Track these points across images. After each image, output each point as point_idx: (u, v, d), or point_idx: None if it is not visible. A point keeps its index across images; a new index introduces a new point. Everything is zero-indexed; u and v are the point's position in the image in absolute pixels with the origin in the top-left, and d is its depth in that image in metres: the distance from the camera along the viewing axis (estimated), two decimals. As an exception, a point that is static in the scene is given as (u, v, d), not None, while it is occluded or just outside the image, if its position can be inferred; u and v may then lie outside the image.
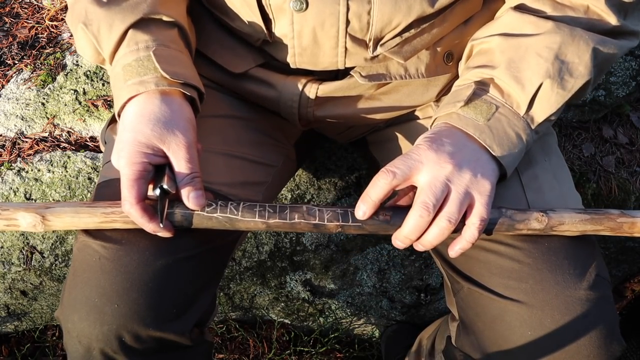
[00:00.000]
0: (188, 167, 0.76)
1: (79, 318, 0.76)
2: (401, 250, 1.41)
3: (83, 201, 0.77)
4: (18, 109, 1.39)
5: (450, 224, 0.73)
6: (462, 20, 0.88)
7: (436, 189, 0.72)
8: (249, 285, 1.47)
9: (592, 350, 0.75)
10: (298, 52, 0.85)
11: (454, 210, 0.73)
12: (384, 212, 0.76)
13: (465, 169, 0.74)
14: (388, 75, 0.89)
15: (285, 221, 0.76)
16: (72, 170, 1.30)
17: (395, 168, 0.74)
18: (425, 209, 0.72)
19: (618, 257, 1.58)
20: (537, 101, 0.78)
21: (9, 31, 1.54)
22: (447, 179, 0.73)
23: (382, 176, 0.74)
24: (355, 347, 1.70)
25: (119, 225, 0.77)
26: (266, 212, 0.76)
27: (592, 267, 0.78)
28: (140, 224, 0.75)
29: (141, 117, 0.76)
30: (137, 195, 0.74)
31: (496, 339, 0.80)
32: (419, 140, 0.77)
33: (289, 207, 0.77)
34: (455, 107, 0.79)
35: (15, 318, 1.53)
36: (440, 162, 0.73)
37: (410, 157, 0.74)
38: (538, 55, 0.77)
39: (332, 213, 0.77)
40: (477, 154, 0.76)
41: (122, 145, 0.75)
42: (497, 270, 0.81)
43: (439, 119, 0.81)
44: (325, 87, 0.90)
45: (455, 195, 0.73)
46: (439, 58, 0.90)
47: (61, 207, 0.77)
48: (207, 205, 0.76)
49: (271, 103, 0.95)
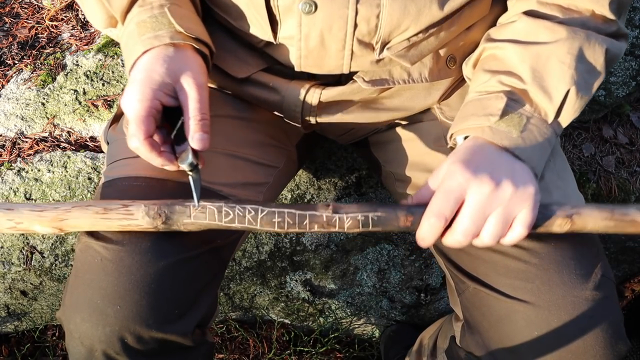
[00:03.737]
0: (198, 108, 0.76)
1: (81, 319, 0.76)
2: (401, 250, 1.41)
3: (95, 203, 0.76)
4: (18, 109, 1.38)
5: (497, 242, 0.74)
6: (469, 25, 0.88)
7: (479, 216, 0.72)
8: (249, 285, 1.47)
9: (599, 350, 0.76)
10: (304, 55, 0.84)
11: (499, 230, 0.73)
12: (406, 216, 0.75)
13: (505, 185, 0.72)
14: (391, 80, 0.89)
15: (304, 230, 0.76)
16: (72, 170, 1.30)
17: (443, 209, 0.72)
18: (463, 235, 0.73)
19: (618, 257, 1.58)
20: (565, 108, 0.79)
21: (9, 31, 1.54)
22: (489, 201, 0.72)
23: (434, 222, 0.73)
24: (355, 347, 1.70)
25: (135, 229, 0.77)
26: (285, 223, 0.75)
27: (597, 267, 0.78)
28: (149, 158, 0.76)
29: (155, 59, 0.77)
30: (146, 131, 0.74)
31: (502, 339, 0.81)
32: (452, 163, 0.75)
33: (308, 217, 0.75)
34: (490, 121, 0.77)
35: (15, 318, 1.53)
36: (482, 186, 0.71)
37: (450, 190, 0.72)
38: (561, 63, 0.77)
39: (352, 221, 0.75)
40: (512, 164, 0.75)
41: (134, 85, 0.76)
42: (503, 270, 0.81)
43: (469, 131, 0.79)
44: (329, 92, 0.90)
45: (500, 214, 0.72)
46: (441, 62, 0.90)
47: (76, 220, 0.75)
48: (225, 215, 0.75)
49: (274, 107, 0.95)
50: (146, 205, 0.74)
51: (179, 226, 0.75)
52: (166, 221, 0.74)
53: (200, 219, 0.75)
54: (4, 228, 0.76)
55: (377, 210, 0.75)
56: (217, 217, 0.75)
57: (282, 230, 0.75)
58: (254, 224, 0.75)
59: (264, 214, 0.74)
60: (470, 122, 0.79)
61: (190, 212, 0.74)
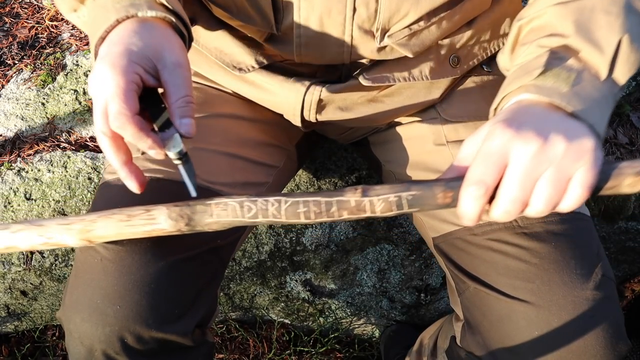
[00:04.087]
0: (183, 91, 0.67)
1: (81, 319, 0.76)
2: (401, 250, 1.41)
3: (118, 211, 0.72)
4: (18, 109, 1.38)
5: (552, 208, 0.62)
6: (472, 17, 0.88)
7: (527, 180, 0.60)
8: (249, 285, 1.47)
9: (599, 350, 0.75)
10: (304, 43, 0.83)
11: (552, 194, 0.60)
12: (444, 192, 0.65)
13: (556, 141, 0.60)
14: (392, 78, 0.89)
15: (333, 218, 0.68)
16: (72, 170, 1.30)
17: (483, 175, 0.61)
18: (511, 203, 0.61)
19: (618, 257, 1.58)
20: (618, 62, 0.69)
21: (9, 31, 1.54)
22: (537, 161, 0.59)
23: (475, 192, 0.61)
24: (355, 347, 1.70)
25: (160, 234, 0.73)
26: (311, 213, 0.68)
27: (598, 267, 0.78)
28: (138, 139, 0.65)
29: (133, 32, 0.67)
30: (133, 106, 0.64)
31: (503, 339, 0.80)
32: (491, 124, 0.64)
33: (335, 204, 0.68)
34: (531, 77, 0.67)
35: (15, 318, 1.53)
36: (527, 144, 0.59)
37: (490, 153, 0.61)
38: (607, 13, 0.69)
39: (384, 204, 0.67)
40: (564, 121, 0.63)
41: (108, 58, 0.65)
42: (503, 270, 0.81)
43: (510, 96, 0.69)
44: (329, 90, 0.90)
45: (552, 175, 0.60)
46: (443, 60, 0.90)
47: (103, 230, 0.72)
48: (247, 210, 0.69)
49: (274, 106, 0.95)
50: (168, 207, 0.70)
51: (203, 226, 0.71)
52: (189, 223, 0.71)
53: (222, 216, 0.70)
54: (38, 244, 0.74)
55: (410, 189, 0.66)
56: (239, 213, 0.69)
57: (310, 221, 0.69)
58: (278, 217, 0.69)
59: (288, 205, 0.68)
60: (512, 86, 0.69)
61: (212, 210, 0.70)
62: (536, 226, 0.81)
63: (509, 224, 0.83)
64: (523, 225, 0.82)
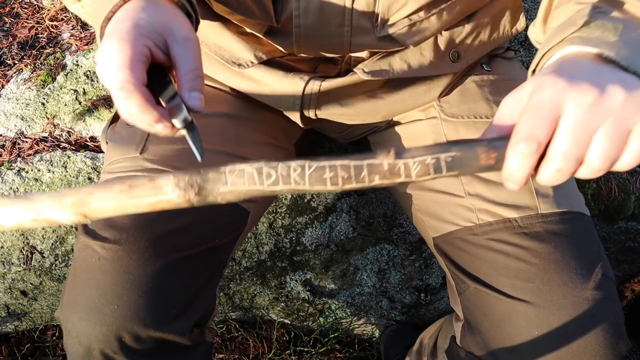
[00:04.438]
0: (193, 64, 0.65)
1: (79, 318, 0.76)
2: (401, 250, 1.41)
3: (119, 181, 0.64)
4: (18, 109, 1.38)
5: (610, 165, 0.55)
6: (472, 10, 0.87)
7: (582, 133, 0.53)
8: (249, 285, 1.47)
9: (599, 350, 0.75)
10: (303, 33, 0.83)
11: (611, 148, 0.54)
12: (487, 153, 0.59)
13: (614, 91, 0.54)
14: (391, 71, 0.89)
15: (363, 184, 0.62)
16: (72, 170, 1.30)
17: (534, 130, 0.54)
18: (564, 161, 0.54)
19: (618, 257, 1.58)
20: None
21: (9, 31, 1.54)
22: (594, 113, 0.53)
23: (525, 150, 0.54)
24: (355, 347, 1.70)
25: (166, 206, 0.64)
26: (339, 179, 0.61)
27: (598, 267, 0.78)
28: (144, 112, 0.62)
29: (140, 9, 0.65)
30: (140, 76, 0.62)
31: (503, 339, 0.80)
32: (540, 76, 0.57)
33: (366, 167, 0.61)
34: (575, 27, 0.61)
35: (15, 318, 1.53)
36: (582, 94, 0.53)
37: (540, 105, 0.54)
38: None
39: (421, 167, 0.60)
40: (617, 73, 0.57)
41: (118, 32, 0.63)
42: (504, 270, 0.81)
43: (551, 52, 0.63)
44: (328, 84, 0.90)
45: (610, 128, 0.53)
46: (442, 55, 0.90)
47: (101, 204, 0.63)
48: (267, 177, 0.62)
49: (273, 101, 0.95)
50: (175, 176, 0.62)
51: (215, 197, 0.63)
52: (200, 192, 0.62)
53: (238, 185, 0.62)
54: (27, 221, 0.66)
55: (450, 149, 0.59)
56: (257, 180, 0.62)
57: (337, 188, 0.62)
58: (301, 184, 0.62)
59: (312, 171, 0.61)
60: (554, 41, 0.63)
61: (226, 178, 0.62)
62: (536, 226, 0.81)
63: (509, 224, 0.83)
64: (523, 225, 0.82)
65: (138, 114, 0.62)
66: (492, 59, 0.99)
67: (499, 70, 0.98)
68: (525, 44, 1.53)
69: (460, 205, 0.88)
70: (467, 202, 0.87)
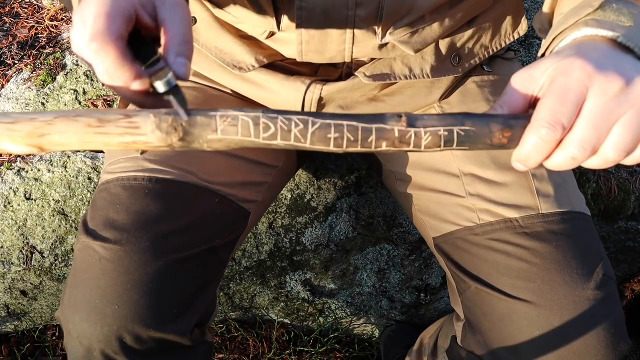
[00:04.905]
0: (182, 28, 0.59)
1: (79, 319, 0.76)
2: (401, 250, 1.41)
3: (88, 113, 0.56)
4: (18, 109, 1.38)
5: (624, 157, 0.54)
6: (473, 15, 0.87)
7: (603, 122, 0.52)
8: (249, 285, 1.47)
9: (600, 350, 0.75)
10: (305, 40, 0.82)
11: (628, 140, 0.53)
12: (502, 131, 0.56)
13: (638, 81, 0.53)
14: (392, 76, 0.89)
15: (369, 149, 0.58)
16: (72, 170, 1.30)
17: (560, 114, 0.52)
18: (580, 148, 0.53)
19: (618, 257, 1.58)
20: None
21: (9, 31, 1.53)
22: (617, 103, 0.52)
23: (547, 135, 0.53)
24: (355, 347, 1.70)
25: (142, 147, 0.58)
26: (344, 141, 0.57)
27: (599, 266, 0.78)
28: (118, 67, 0.55)
29: None
30: (117, 28, 0.54)
31: (504, 339, 0.80)
32: (565, 58, 0.55)
33: (374, 132, 0.57)
34: (591, 9, 0.59)
35: (15, 318, 1.53)
36: (609, 83, 0.52)
37: (568, 89, 0.52)
38: None
39: (432, 138, 0.57)
40: (637, 63, 0.56)
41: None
42: (505, 270, 0.81)
43: (564, 34, 0.61)
44: (329, 88, 0.90)
45: (631, 120, 0.52)
46: (444, 59, 0.90)
47: (62, 136, 0.55)
48: (264, 129, 0.56)
49: (274, 105, 0.95)
50: (156, 115, 0.55)
51: (201, 144, 0.57)
52: (184, 137, 0.56)
53: (230, 133, 0.56)
54: None
55: (464, 123, 0.57)
56: (252, 131, 0.56)
57: (340, 150, 0.57)
58: (302, 141, 0.56)
59: (316, 128, 0.56)
60: (567, 23, 0.61)
61: (217, 124, 0.55)
62: (537, 226, 0.81)
63: (510, 224, 0.83)
64: (524, 225, 0.82)
65: (112, 70, 0.55)
66: (492, 60, 0.99)
67: (499, 71, 0.98)
68: (525, 44, 1.53)
69: (461, 205, 0.88)
70: (468, 202, 0.87)
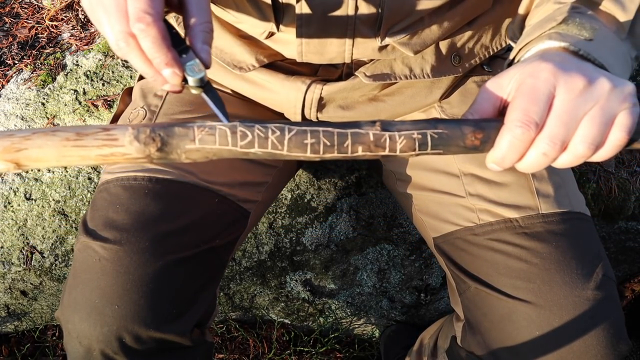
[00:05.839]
0: (206, 15, 0.61)
1: (79, 319, 0.76)
2: (401, 250, 1.41)
3: (65, 128, 0.56)
4: (18, 109, 1.38)
5: (593, 151, 0.57)
6: (473, 16, 0.87)
7: (571, 117, 0.55)
8: (249, 285, 1.47)
9: (600, 350, 0.76)
10: (305, 41, 0.82)
11: (595, 133, 0.55)
12: (473, 133, 0.58)
13: (602, 81, 0.56)
14: (393, 75, 0.89)
15: (345, 155, 0.59)
16: (72, 170, 1.30)
17: (533, 113, 0.55)
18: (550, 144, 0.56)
19: (618, 257, 1.58)
20: (639, 24, 0.67)
21: (9, 31, 1.54)
22: (582, 99, 0.55)
23: (521, 135, 0.55)
24: (355, 347, 1.70)
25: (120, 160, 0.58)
26: (320, 146, 0.58)
27: (599, 267, 0.78)
28: (158, 49, 0.57)
29: None
30: (160, 10, 0.56)
31: (504, 339, 0.80)
32: (532, 62, 0.58)
33: (350, 136, 0.58)
34: (554, 23, 0.63)
35: (15, 318, 1.53)
36: (574, 81, 0.55)
37: (537, 88, 0.55)
38: None
39: (406, 141, 0.58)
40: (601, 70, 0.59)
41: None
42: (504, 270, 0.81)
43: (529, 45, 0.65)
44: (329, 88, 0.90)
45: (596, 114, 0.55)
46: (444, 59, 0.90)
47: (39, 151, 0.55)
48: (241, 137, 0.57)
49: (275, 104, 0.95)
50: (134, 127, 0.56)
51: (179, 155, 0.57)
52: (162, 147, 0.56)
53: (207, 142, 0.57)
54: None
55: (437, 126, 0.59)
56: (230, 140, 0.57)
57: (317, 156, 0.58)
58: (279, 148, 0.58)
59: (292, 134, 0.57)
60: (532, 35, 0.65)
61: (194, 134, 0.56)
62: (537, 226, 0.81)
63: (510, 224, 0.83)
64: (524, 226, 0.82)
65: (151, 51, 0.56)
66: (492, 60, 0.99)
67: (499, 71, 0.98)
68: (525, 44, 1.53)
69: (461, 205, 0.88)
70: (468, 202, 0.87)
